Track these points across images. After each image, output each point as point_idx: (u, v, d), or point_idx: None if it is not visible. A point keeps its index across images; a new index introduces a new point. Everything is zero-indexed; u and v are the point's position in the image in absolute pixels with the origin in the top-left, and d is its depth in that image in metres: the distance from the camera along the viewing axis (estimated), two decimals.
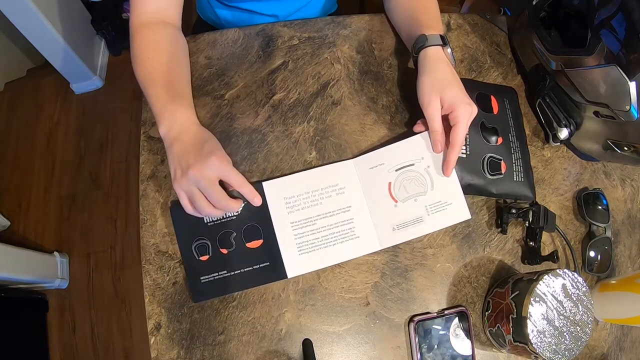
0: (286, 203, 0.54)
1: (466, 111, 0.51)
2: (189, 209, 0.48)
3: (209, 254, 0.52)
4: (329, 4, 0.83)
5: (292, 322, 0.53)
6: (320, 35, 0.67)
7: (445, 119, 0.53)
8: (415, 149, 0.56)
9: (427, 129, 0.55)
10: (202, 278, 0.52)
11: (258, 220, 0.53)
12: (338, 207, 0.55)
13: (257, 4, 0.72)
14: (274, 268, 0.52)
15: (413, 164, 0.55)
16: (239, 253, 0.52)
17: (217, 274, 0.52)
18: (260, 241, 0.53)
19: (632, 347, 0.58)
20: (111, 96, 1.64)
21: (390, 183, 0.55)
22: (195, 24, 0.88)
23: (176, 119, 0.50)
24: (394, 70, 0.66)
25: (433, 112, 0.52)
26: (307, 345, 0.51)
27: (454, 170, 0.54)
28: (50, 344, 1.33)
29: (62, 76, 1.56)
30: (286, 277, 0.52)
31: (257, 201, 0.51)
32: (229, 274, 0.52)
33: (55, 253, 1.38)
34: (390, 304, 0.54)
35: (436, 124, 0.52)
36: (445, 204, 0.55)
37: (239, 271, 0.52)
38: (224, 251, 0.52)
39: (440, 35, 0.55)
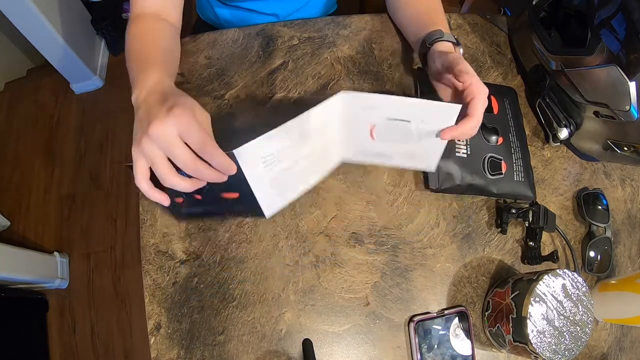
0: (263, 162, 0.46)
1: (483, 87, 0.48)
2: (143, 178, 0.39)
3: (182, 197, 0.47)
4: (329, 3, 0.83)
5: (292, 322, 0.53)
6: (320, 35, 0.67)
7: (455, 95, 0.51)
8: (424, 112, 0.49)
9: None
10: (182, 209, 0.53)
11: (232, 177, 0.44)
12: (314, 144, 0.49)
13: (258, 3, 0.72)
14: (251, 213, 0.54)
15: (409, 122, 0.50)
16: (214, 200, 0.49)
17: (193, 209, 0.52)
18: (237, 194, 0.48)
19: (632, 347, 0.58)
20: (111, 96, 1.64)
21: (374, 125, 0.50)
22: (195, 24, 0.88)
23: (146, 82, 0.44)
24: (394, 70, 0.66)
25: (469, 70, 0.48)
26: (307, 345, 0.51)
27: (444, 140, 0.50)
28: (50, 344, 1.33)
29: (62, 76, 1.56)
30: (264, 217, 0.47)
31: (231, 170, 0.40)
32: (205, 210, 0.53)
33: (55, 253, 1.38)
34: (390, 304, 0.54)
35: (481, 87, 0.48)
36: (419, 154, 0.52)
37: (215, 211, 0.54)
38: (198, 197, 0.47)
39: (454, 36, 0.56)
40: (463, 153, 0.57)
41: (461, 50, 0.56)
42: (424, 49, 0.57)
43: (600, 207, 0.60)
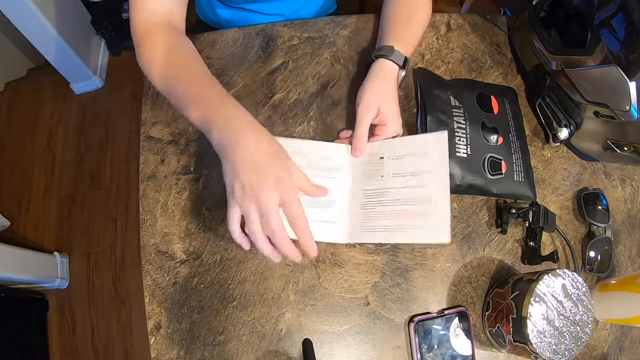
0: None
1: (395, 128, 0.55)
2: (236, 222, 0.43)
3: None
4: (329, 3, 0.83)
5: (292, 322, 0.53)
6: (320, 35, 0.67)
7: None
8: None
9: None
10: None
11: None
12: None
13: (260, 5, 0.72)
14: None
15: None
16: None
17: None
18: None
19: (632, 347, 0.58)
20: (111, 96, 1.64)
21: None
22: (194, 24, 0.88)
23: (234, 120, 0.44)
24: None
25: (365, 119, 0.54)
26: (307, 345, 0.51)
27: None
28: (50, 344, 1.33)
29: (62, 76, 1.56)
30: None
31: (311, 253, 0.44)
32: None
33: (55, 253, 1.38)
34: (390, 304, 0.54)
35: (363, 128, 0.54)
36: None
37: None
38: None
39: (405, 57, 0.56)
40: (463, 153, 0.57)
41: (403, 73, 0.57)
42: (370, 58, 0.58)
43: (600, 207, 0.60)
